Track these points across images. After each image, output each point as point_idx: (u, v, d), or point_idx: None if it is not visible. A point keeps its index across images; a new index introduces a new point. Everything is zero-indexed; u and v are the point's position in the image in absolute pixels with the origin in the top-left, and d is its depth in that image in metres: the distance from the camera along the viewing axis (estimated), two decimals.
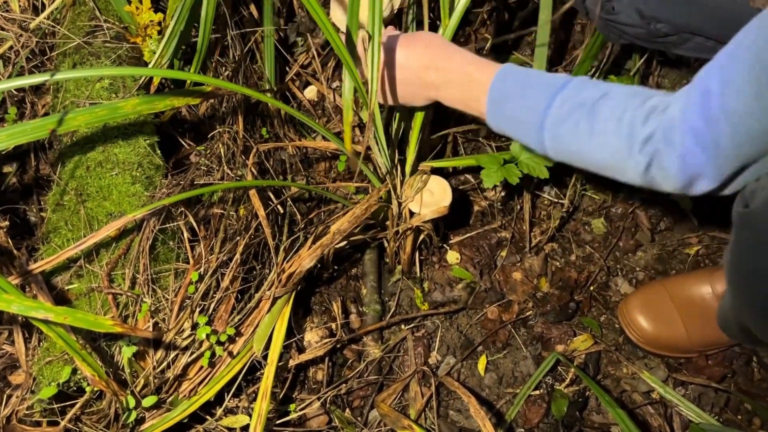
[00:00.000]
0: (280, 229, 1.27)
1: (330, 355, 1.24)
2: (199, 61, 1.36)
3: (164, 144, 1.38)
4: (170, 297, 1.06)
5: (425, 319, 1.33)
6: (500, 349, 1.33)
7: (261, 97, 1.11)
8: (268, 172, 1.35)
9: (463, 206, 1.48)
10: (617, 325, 1.36)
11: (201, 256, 1.11)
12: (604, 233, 1.46)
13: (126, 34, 1.39)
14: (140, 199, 1.18)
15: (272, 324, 1.12)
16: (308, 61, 1.59)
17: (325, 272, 1.33)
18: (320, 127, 1.21)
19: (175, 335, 1.03)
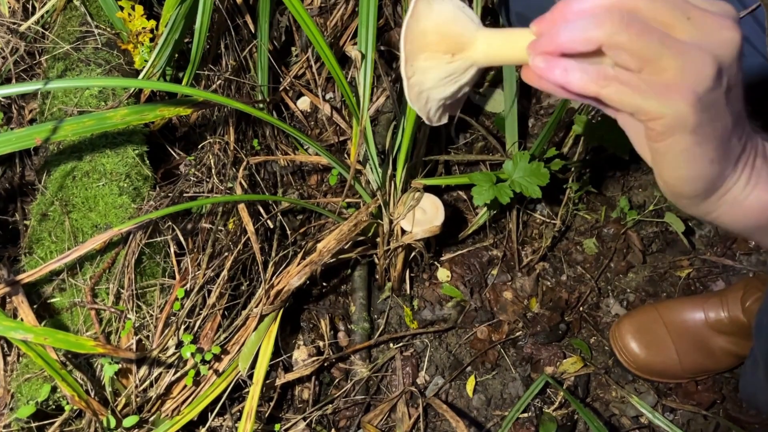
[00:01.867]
0: (270, 243, 1.25)
1: (317, 374, 1.22)
2: (192, 71, 1.34)
3: (154, 153, 1.35)
4: (155, 313, 1.04)
5: (414, 338, 1.31)
6: (489, 370, 1.31)
7: (251, 111, 1.09)
8: (258, 185, 1.33)
9: (455, 222, 1.47)
10: (607, 347, 1.35)
11: (188, 272, 1.09)
12: (595, 254, 1.45)
13: (117, 40, 1.37)
14: (127, 210, 1.16)
15: (259, 342, 1.10)
16: (302, 71, 1.57)
17: (315, 288, 1.31)
18: (312, 142, 1.19)
19: (159, 353, 1.01)
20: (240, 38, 1.52)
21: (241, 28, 1.51)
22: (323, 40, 1.08)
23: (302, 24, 1.05)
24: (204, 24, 1.27)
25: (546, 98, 1.61)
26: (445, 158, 1.44)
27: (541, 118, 1.58)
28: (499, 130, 1.54)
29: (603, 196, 1.50)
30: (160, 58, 1.29)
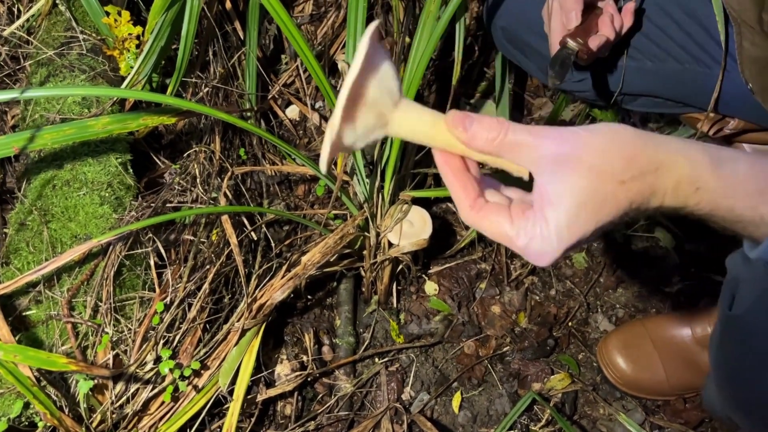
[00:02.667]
0: (254, 255, 1.23)
1: (300, 389, 1.20)
2: (178, 79, 1.32)
3: (138, 161, 1.33)
4: (133, 327, 1.01)
5: (400, 353, 1.29)
6: (476, 386, 1.29)
7: (236, 121, 1.07)
8: (243, 196, 1.31)
9: (444, 235, 1.45)
10: (595, 364, 1.34)
11: (168, 285, 1.07)
12: (585, 268, 1.44)
13: (103, 46, 1.35)
14: (108, 221, 1.14)
15: (240, 357, 1.08)
16: (291, 80, 1.56)
17: (299, 301, 1.29)
18: (298, 153, 1.18)
19: (137, 368, 0.99)
20: (229, 45, 1.50)
21: (229, 35, 1.49)
22: (309, 51, 1.07)
23: (288, 34, 1.04)
24: (191, 31, 1.25)
25: (537, 110, 1.60)
26: (434, 171, 1.42)
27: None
28: None
29: None
30: (146, 65, 1.26)
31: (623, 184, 0.50)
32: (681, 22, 1.06)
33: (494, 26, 1.18)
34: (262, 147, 1.45)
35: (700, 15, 1.04)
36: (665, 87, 1.12)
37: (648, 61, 1.08)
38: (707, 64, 1.06)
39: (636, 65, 1.09)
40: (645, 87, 1.13)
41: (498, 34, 1.19)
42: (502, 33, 1.18)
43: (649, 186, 0.51)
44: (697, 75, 1.08)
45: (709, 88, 1.04)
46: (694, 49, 1.06)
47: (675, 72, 1.08)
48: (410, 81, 1.15)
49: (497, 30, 1.18)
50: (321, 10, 1.63)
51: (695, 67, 1.07)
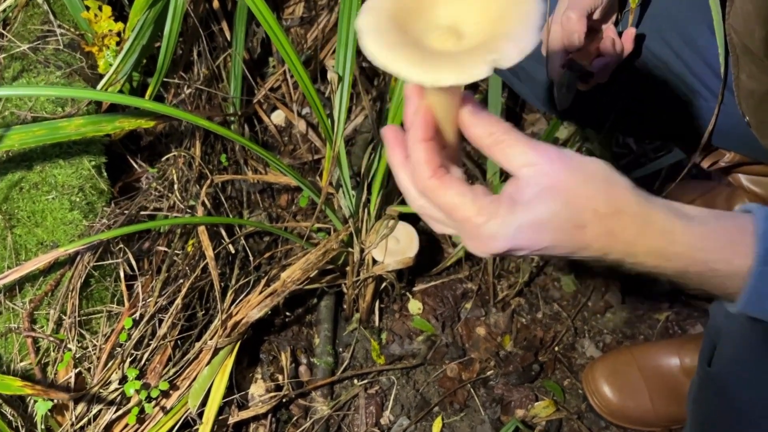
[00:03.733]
0: (231, 268, 1.17)
1: (274, 411, 1.14)
2: (159, 79, 1.26)
3: (114, 163, 1.27)
4: (99, 343, 0.96)
5: (380, 375, 1.25)
6: (457, 411, 1.25)
7: (217, 129, 1.01)
8: (222, 205, 1.26)
9: (431, 251, 1.41)
10: (581, 391, 1.30)
11: (138, 298, 1.01)
12: (573, 291, 1.40)
13: (81, 42, 1.29)
14: (77, 227, 1.08)
15: (212, 377, 1.02)
16: (278, 84, 1.51)
17: (277, 318, 1.24)
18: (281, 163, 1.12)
19: (100, 388, 0.93)
20: (215, 46, 1.44)
21: (216, 35, 1.44)
22: (297, 57, 1.02)
23: (274, 40, 0.98)
24: (173, 31, 1.20)
25: (530, 126, 1.57)
26: None
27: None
28: (479, 157, 1.48)
29: None
30: (125, 63, 1.21)
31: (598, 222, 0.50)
32: (680, 52, 1.03)
33: None
34: (244, 153, 1.39)
35: (700, 45, 1.00)
36: (661, 119, 1.09)
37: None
38: (704, 97, 1.03)
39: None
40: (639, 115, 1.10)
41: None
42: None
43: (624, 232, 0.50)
44: (690, 106, 1.04)
45: (706, 120, 1.01)
46: (691, 81, 1.03)
47: (671, 106, 1.05)
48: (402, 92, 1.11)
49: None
50: (312, 12, 1.58)
51: (692, 100, 1.04)
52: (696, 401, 0.82)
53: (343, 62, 1.03)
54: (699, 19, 0.97)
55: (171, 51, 1.23)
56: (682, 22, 1.02)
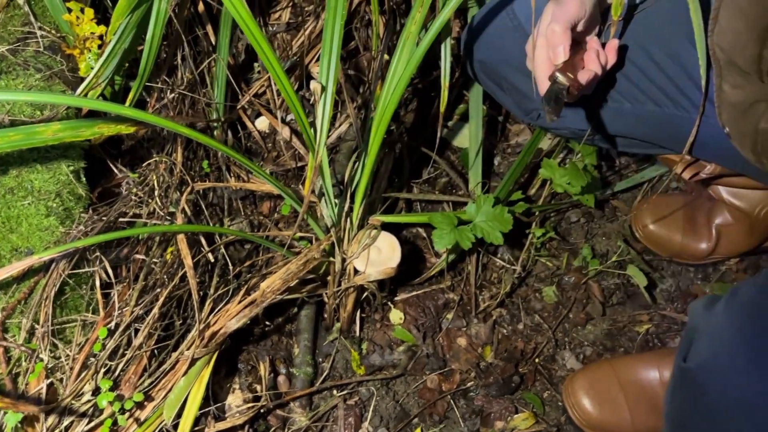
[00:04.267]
0: (210, 277, 1.16)
1: (252, 422, 1.13)
2: (141, 84, 1.25)
3: (93, 168, 1.26)
4: (72, 353, 0.94)
5: (360, 385, 1.24)
6: (437, 423, 1.24)
7: (198, 136, 1.00)
8: (203, 212, 1.25)
9: (413, 260, 1.40)
10: (560, 403, 1.30)
11: (114, 307, 1.00)
12: (554, 302, 1.40)
13: (62, 44, 1.27)
14: (54, 234, 1.06)
15: (188, 388, 1.01)
16: (263, 90, 1.49)
17: (256, 327, 1.23)
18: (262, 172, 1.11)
19: (73, 399, 0.91)
20: (199, 50, 1.43)
21: (200, 40, 1.42)
22: (279, 65, 1.00)
23: (256, 46, 0.97)
24: (156, 36, 1.18)
25: (514, 136, 1.57)
26: (405, 196, 1.37)
27: (508, 156, 1.53)
28: (464, 167, 1.48)
29: (566, 242, 1.46)
30: (106, 67, 1.19)
31: None
32: (662, 64, 1.03)
33: (472, 59, 1.14)
34: (227, 159, 1.38)
35: (682, 58, 1.01)
36: (643, 129, 1.09)
37: (627, 103, 1.05)
38: (686, 108, 1.03)
39: (615, 106, 1.06)
40: (622, 128, 1.10)
41: (476, 67, 1.15)
42: (479, 66, 1.14)
43: None
44: (674, 118, 1.05)
45: (686, 132, 1.01)
46: (673, 92, 1.04)
47: (653, 115, 1.05)
48: (386, 103, 1.10)
49: (476, 63, 1.14)
50: (299, 18, 1.57)
51: (673, 110, 1.04)
52: (671, 396, 0.82)
53: (327, 70, 1.02)
54: (681, 32, 0.98)
55: (154, 55, 1.22)
56: (664, 35, 1.03)
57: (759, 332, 0.70)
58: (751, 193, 1.34)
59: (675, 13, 0.97)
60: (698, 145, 1.04)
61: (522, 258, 1.38)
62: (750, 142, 0.89)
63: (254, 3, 1.53)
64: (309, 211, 1.24)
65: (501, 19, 1.09)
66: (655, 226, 1.41)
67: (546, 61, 0.96)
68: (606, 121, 1.11)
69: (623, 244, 1.44)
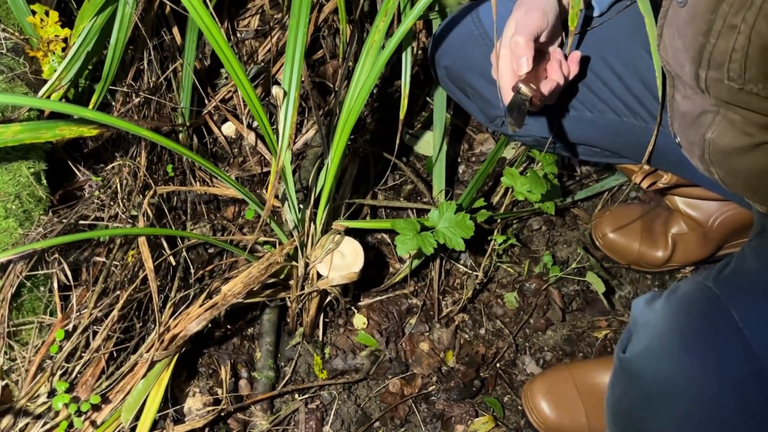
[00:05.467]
0: (172, 280, 1.16)
1: (212, 425, 1.13)
2: (105, 87, 1.25)
3: (56, 170, 1.25)
4: (28, 355, 0.93)
5: (322, 389, 1.25)
6: (398, 426, 1.25)
7: (161, 140, 1.01)
8: (166, 215, 1.25)
9: (377, 266, 1.41)
10: (520, 407, 1.32)
11: (72, 309, 0.99)
12: (516, 308, 1.42)
13: (26, 46, 1.27)
14: (12, 236, 1.05)
15: (147, 391, 1.01)
16: (230, 95, 1.50)
17: (217, 330, 1.23)
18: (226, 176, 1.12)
19: (28, 401, 0.91)
20: (166, 54, 1.43)
21: (167, 44, 1.43)
22: (242, 71, 1.02)
23: (219, 53, 0.98)
24: (120, 40, 1.19)
25: (479, 145, 1.59)
26: (370, 203, 1.39)
27: (472, 165, 1.56)
28: (429, 174, 1.50)
29: (527, 249, 1.49)
30: (69, 70, 1.19)
31: None
32: (621, 75, 1.07)
33: (437, 64, 1.16)
34: (191, 164, 1.38)
35: (641, 69, 1.05)
36: (603, 138, 1.12)
37: (588, 112, 1.08)
38: (644, 118, 1.07)
39: (576, 114, 1.09)
40: (583, 136, 1.13)
41: (441, 73, 1.17)
42: (444, 72, 1.16)
43: None
44: (633, 128, 1.08)
45: (645, 141, 1.05)
46: (632, 103, 1.07)
47: (613, 124, 1.09)
48: (350, 109, 1.12)
49: (440, 68, 1.16)
50: (267, 26, 1.58)
51: (632, 120, 1.08)
52: (611, 387, 0.85)
53: (290, 75, 1.03)
54: (639, 44, 1.01)
55: (118, 59, 1.22)
56: (625, 46, 1.07)
57: (691, 320, 0.74)
58: (706, 203, 1.39)
59: (635, 25, 1.00)
60: (656, 155, 1.07)
61: (484, 264, 1.41)
62: (698, 151, 0.93)
63: (223, 9, 1.54)
64: (272, 216, 1.25)
65: (466, 26, 1.11)
66: (614, 234, 1.45)
67: (510, 72, 0.98)
68: (567, 129, 1.13)
69: (583, 251, 1.47)
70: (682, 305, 0.76)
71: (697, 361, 0.72)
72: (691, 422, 0.72)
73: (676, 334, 0.74)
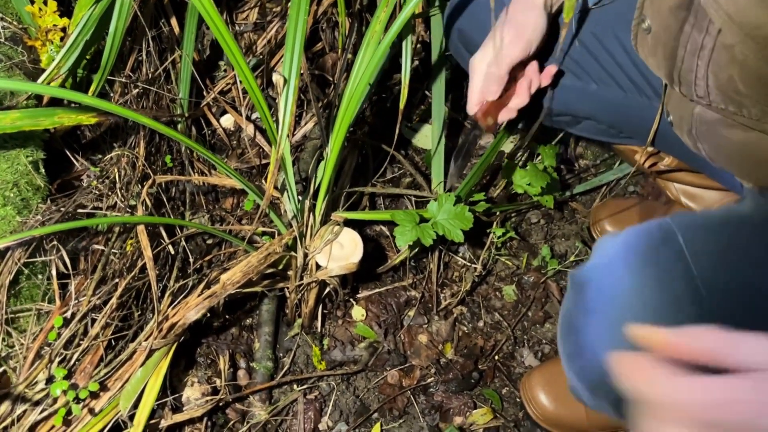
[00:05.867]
0: (171, 269, 1.15)
1: (210, 415, 1.13)
2: (103, 78, 1.25)
3: (54, 161, 1.24)
4: (27, 342, 0.93)
5: (320, 380, 1.24)
6: (396, 418, 1.25)
7: (161, 128, 1.00)
8: (165, 205, 1.24)
9: (376, 258, 1.41)
10: (518, 399, 1.32)
11: (71, 297, 0.99)
12: (514, 301, 1.43)
13: (24, 35, 1.26)
14: (10, 223, 1.05)
15: (145, 379, 1.00)
16: (228, 87, 1.50)
17: (216, 320, 1.22)
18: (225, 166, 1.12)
19: (26, 388, 0.90)
20: (165, 46, 1.43)
21: (165, 35, 1.42)
22: (245, 63, 1.01)
23: (223, 44, 0.98)
24: (119, 29, 1.18)
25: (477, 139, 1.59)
26: (370, 190, 1.39)
27: (470, 158, 1.56)
28: (427, 167, 1.50)
29: (526, 242, 1.49)
30: (67, 59, 1.19)
31: None
32: (630, 50, 1.08)
33: (451, 26, 1.18)
34: (190, 155, 1.38)
35: None
36: (607, 112, 1.14)
37: (593, 84, 1.09)
38: (648, 95, 1.08)
39: (581, 85, 1.10)
40: (587, 109, 1.14)
41: (454, 36, 1.19)
42: (458, 35, 1.18)
43: None
44: (637, 104, 1.10)
45: (647, 118, 1.06)
46: (639, 79, 1.08)
47: (617, 98, 1.10)
48: (349, 99, 1.12)
49: (454, 32, 1.18)
50: (266, 19, 1.58)
51: (636, 96, 1.09)
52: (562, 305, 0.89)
53: (290, 63, 1.03)
54: None
55: (116, 48, 1.22)
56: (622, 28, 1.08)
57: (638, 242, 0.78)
58: (706, 193, 1.39)
59: None
60: (658, 136, 1.09)
61: (483, 257, 1.41)
62: (687, 126, 0.94)
63: (221, 1, 1.54)
64: (271, 206, 1.24)
65: None
66: (612, 227, 1.45)
67: (479, 92, 1.05)
68: (573, 99, 1.15)
69: (581, 244, 1.47)
70: (635, 232, 0.81)
71: (637, 275, 0.75)
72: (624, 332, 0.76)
73: (621, 254, 0.78)
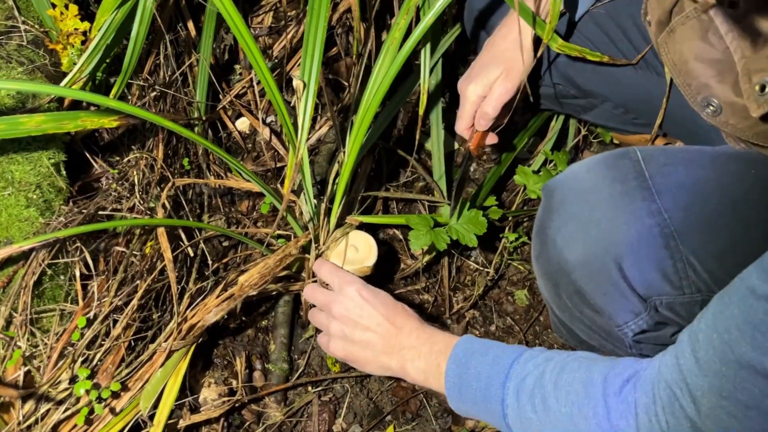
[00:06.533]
0: (189, 272, 1.17)
1: (227, 416, 1.14)
2: (124, 81, 1.27)
3: (74, 162, 1.26)
4: (50, 342, 0.94)
5: (334, 382, 1.26)
6: (409, 420, 1.26)
7: (181, 130, 1.02)
8: (183, 207, 1.26)
9: (389, 261, 1.43)
10: None
11: (93, 298, 1.00)
12: (526, 305, 1.44)
13: (46, 39, 1.28)
14: (33, 225, 1.06)
15: (165, 380, 1.02)
16: (244, 91, 1.51)
17: (233, 322, 1.24)
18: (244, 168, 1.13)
19: (50, 387, 0.92)
20: (181, 50, 1.44)
21: (183, 39, 1.44)
22: (265, 65, 1.03)
23: (244, 46, 1.00)
24: (141, 34, 1.20)
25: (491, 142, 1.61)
26: (384, 195, 1.40)
27: (483, 162, 1.57)
28: None
29: None
30: (89, 63, 1.20)
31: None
32: (640, 26, 1.10)
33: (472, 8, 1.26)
34: (207, 158, 1.39)
35: None
36: (619, 91, 1.18)
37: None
38: (658, 72, 1.12)
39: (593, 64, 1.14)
40: (599, 86, 1.19)
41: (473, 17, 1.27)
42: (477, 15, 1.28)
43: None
44: (646, 80, 1.13)
45: (656, 94, 1.12)
46: (651, 57, 1.11)
47: (628, 75, 1.14)
48: (368, 105, 1.13)
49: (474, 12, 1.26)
50: (281, 23, 1.60)
51: (647, 72, 1.12)
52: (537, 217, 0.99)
53: (309, 70, 1.05)
54: None
55: (138, 53, 1.24)
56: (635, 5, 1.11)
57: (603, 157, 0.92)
58: None
59: None
60: (666, 117, 1.14)
61: (495, 261, 1.42)
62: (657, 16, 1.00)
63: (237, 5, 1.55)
64: (288, 209, 1.26)
65: None
66: None
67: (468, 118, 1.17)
68: (586, 78, 1.20)
69: None
70: (604, 155, 0.93)
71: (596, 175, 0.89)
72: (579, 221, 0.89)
73: (584, 164, 0.92)
